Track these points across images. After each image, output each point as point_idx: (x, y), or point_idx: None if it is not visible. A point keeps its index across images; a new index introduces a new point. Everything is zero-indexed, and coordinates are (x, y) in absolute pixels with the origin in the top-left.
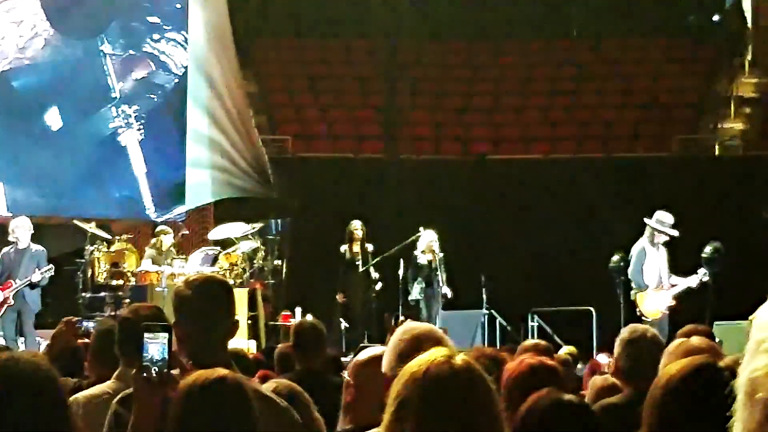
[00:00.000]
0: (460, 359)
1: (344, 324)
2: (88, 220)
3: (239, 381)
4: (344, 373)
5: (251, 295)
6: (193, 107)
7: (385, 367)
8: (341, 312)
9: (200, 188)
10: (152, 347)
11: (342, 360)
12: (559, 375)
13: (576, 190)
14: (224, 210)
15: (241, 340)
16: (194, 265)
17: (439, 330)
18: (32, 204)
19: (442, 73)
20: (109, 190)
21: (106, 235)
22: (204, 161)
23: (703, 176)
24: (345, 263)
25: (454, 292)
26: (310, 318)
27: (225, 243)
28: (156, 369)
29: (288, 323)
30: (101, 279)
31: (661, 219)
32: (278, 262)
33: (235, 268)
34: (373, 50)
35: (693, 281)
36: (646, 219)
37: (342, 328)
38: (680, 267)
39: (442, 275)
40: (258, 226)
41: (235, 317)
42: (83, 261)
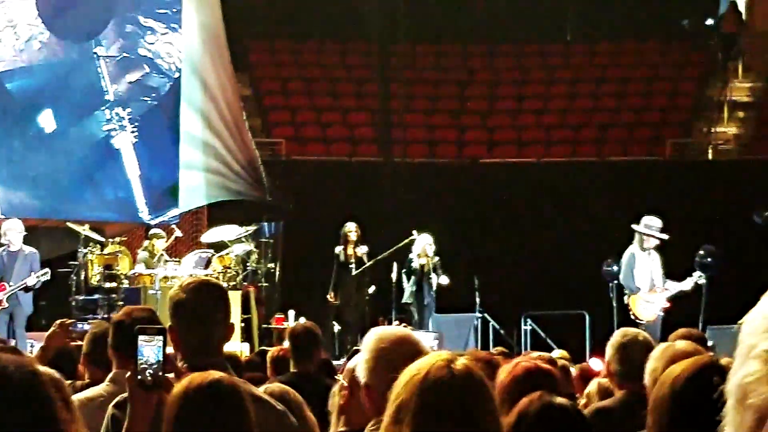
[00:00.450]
0: (461, 363)
1: (337, 327)
2: (82, 223)
3: (234, 383)
4: (339, 376)
5: (244, 298)
6: (187, 110)
7: (366, 377)
8: (334, 315)
9: (194, 191)
10: (147, 350)
11: (335, 363)
12: (555, 378)
13: (570, 194)
14: (218, 213)
15: (235, 343)
16: (187, 268)
17: (413, 333)
18: (26, 206)
19: (437, 77)
20: (103, 193)
21: (100, 238)
22: (198, 164)
23: (697, 180)
24: (339, 265)
25: (447, 296)
26: (306, 321)
27: (218, 246)
28: (151, 372)
29: (281, 326)
30: (94, 281)
31: (649, 223)
32: (272, 265)
33: (229, 271)
34: (368, 53)
35: (688, 284)
36: (634, 225)
37: (335, 331)
38: (674, 271)
39: (437, 278)
40: (251, 229)
41: (230, 320)
42: (77, 264)
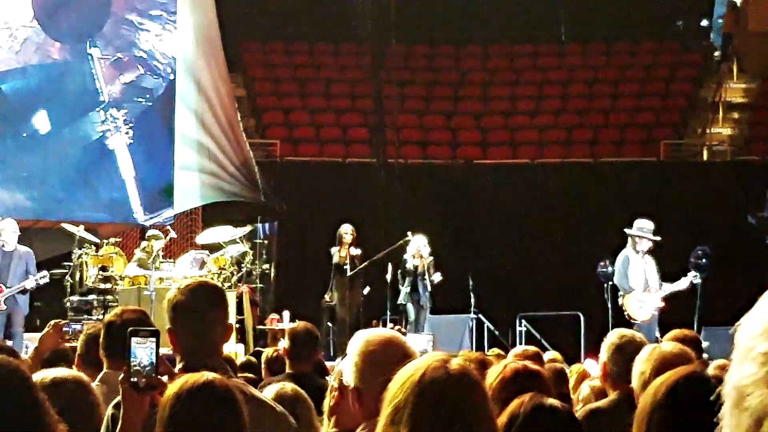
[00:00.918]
0: (456, 364)
1: (331, 327)
2: (77, 224)
3: (227, 384)
4: (329, 378)
5: (239, 299)
6: (182, 111)
7: (354, 380)
8: (329, 316)
9: (188, 192)
10: (140, 352)
11: (329, 364)
12: (544, 379)
13: (564, 195)
14: (212, 214)
15: (230, 344)
16: (182, 269)
17: (401, 335)
18: (20, 207)
19: (430, 78)
20: (97, 194)
21: (94, 239)
22: (192, 165)
23: (691, 181)
24: (334, 266)
25: (442, 297)
26: (305, 323)
27: (213, 247)
28: (143, 374)
29: (276, 327)
30: (89, 282)
31: (641, 226)
32: (266, 266)
33: (223, 272)
34: (361, 54)
35: (683, 284)
36: (627, 229)
37: (330, 332)
38: (668, 271)
39: (430, 279)
40: (246, 230)
41: (229, 321)
42: (71, 265)
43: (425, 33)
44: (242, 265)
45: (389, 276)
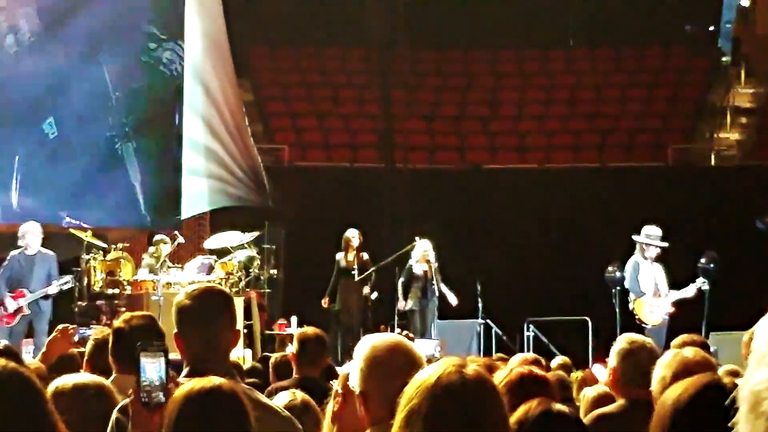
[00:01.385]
0: (472, 369)
1: (339, 333)
2: (84, 229)
3: (235, 390)
4: (333, 383)
5: (247, 304)
6: (190, 116)
7: (360, 385)
8: (336, 321)
9: (196, 197)
10: (150, 369)
11: (337, 369)
12: (549, 384)
13: (571, 200)
14: (220, 219)
15: (237, 350)
16: (190, 274)
17: (407, 340)
18: (27, 212)
19: (438, 82)
20: (106, 199)
21: (102, 244)
22: (200, 170)
23: (700, 186)
24: (340, 271)
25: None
26: (314, 328)
27: (221, 252)
28: (154, 393)
29: (284, 332)
30: (97, 287)
31: (649, 233)
32: (274, 271)
33: (231, 277)
34: (369, 59)
35: (691, 291)
36: (635, 236)
37: (338, 337)
38: (677, 276)
39: (438, 284)
40: (254, 235)
41: (236, 327)
42: (79, 269)
43: (433, 38)
44: (250, 270)
45: (402, 280)
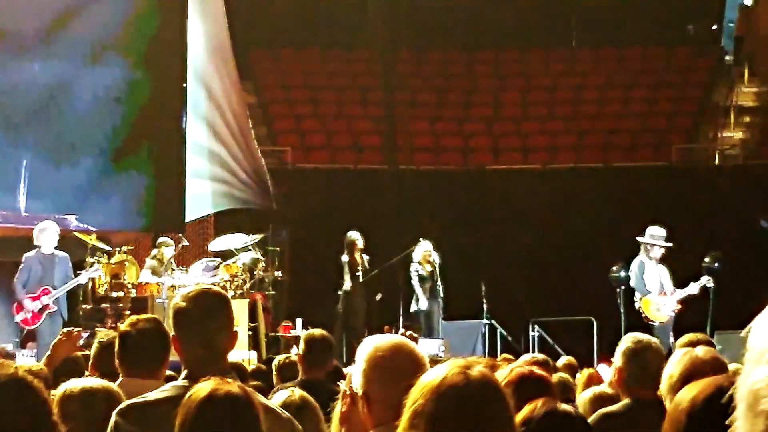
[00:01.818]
0: (477, 371)
1: (344, 334)
2: (89, 232)
3: (247, 393)
4: (341, 383)
5: (252, 306)
6: (193, 119)
7: (363, 386)
8: (341, 322)
9: (200, 200)
10: None
11: (343, 371)
12: (550, 384)
13: (575, 200)
14: (224, 221)
15: (242, 351)
16: (195, 277)
17: (409, 341)
18: (35, 216)
19: (442, 84)
20: (110, 202)
21: (107, 247)
22: (204, 173)
23: (703, 185)
24: (345, 273)
25: (455, 303)
26: (320, 330)
27: (225, 254)
28: None
29: (288, 334)
30: (102, 291)
31: (653, 233)
32: (278, 273)
33: (236, 279)
34: (372, 61)
35: (696, 287)
36: (639, 237)
37: (343, 339)
38: (681, 276)
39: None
40: (258, 237)
41: (234, 328)
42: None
43: (436, 40)
44: (254, 273)
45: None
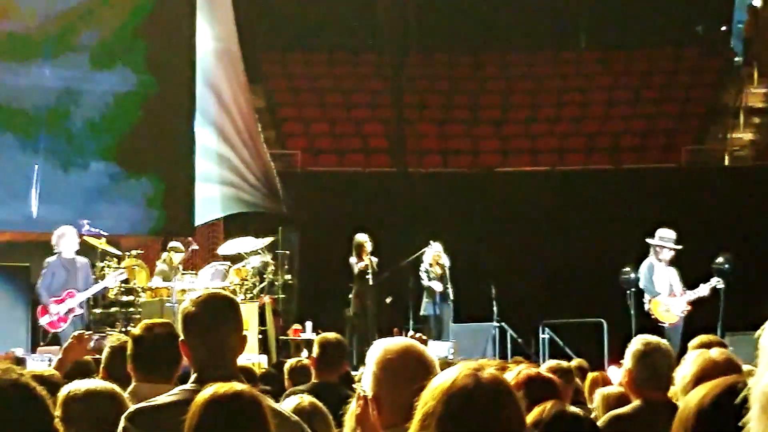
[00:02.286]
0: (488, 373)
1: (355, 337)
2: (99, 237)
3: (256, 396)
4: (356, 386)
5: (261, 310)
6: (202, 123)
7: (372, 388)
8: (352, 325)
9: (209, 203)
10: None
11: (354, 374)
12: (557, 387)
13: (585, 202)
14: (234, 225)
15: (252, 355)
16: (204, 280)
17: (418, 343)
18: (42, 221)
19: (450, 86)
20: (119, 206)
21: (116, 251)
22: (213, 176)
23: (713, 186)
24: (356, 276)
25: (465, 305)
26: (334, 333)
27: (235, 258)
28: None
29: (298, 337)
30: (112, 295)
31: (663, 235)
32: (288, 277)
33: (246, 283)
34: (381, 64)
35: (705, 289)
36: (649, 239)
37: (353, 342)
38: (690, 277)
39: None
40: (268, 241)
41: (243, 332)
42: (94, 277)
43: (445, 42)
44: (264, 276)
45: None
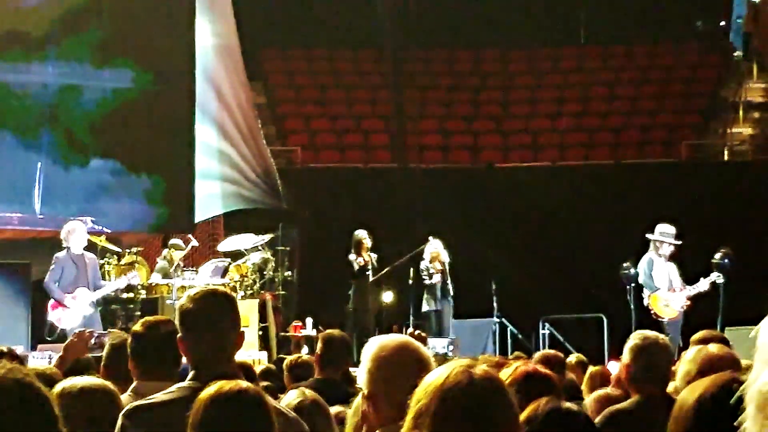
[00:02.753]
0: (481, 369)
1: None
2: (99, 234)
3: (260, 393)
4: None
5: (262, 306)
6: (202, 119)
7: (368, 386)
8: (352, 322)
9: (210, 200)
10: None
11: (353, 370)
12: (554, 382)
13: (585, 197)
14: (234, 221)
15: (253, 351)
16: (204, 277)
17: (415, 341)
18: (50, 218)
19: (450, 82)
20: (119, 203)
21: (117, 248)
22: (214, 173)
23: (713, 181)
24: (355, 272)
25: (465, 301)
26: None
27: (235, 254)
28: None
29: (299, 334)
30: (112, 292)
31: (663, 231)
32: (288, 273)
33: (246, 280)
34: (381, 60)
35: (705, 284)
36: (649, 234)
37: (353, 338)
38: (690, 272)
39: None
40: (268, 237)
41: (240, 329)
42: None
43: (445, 38)
44: (264, 273)
45: (411, 281)
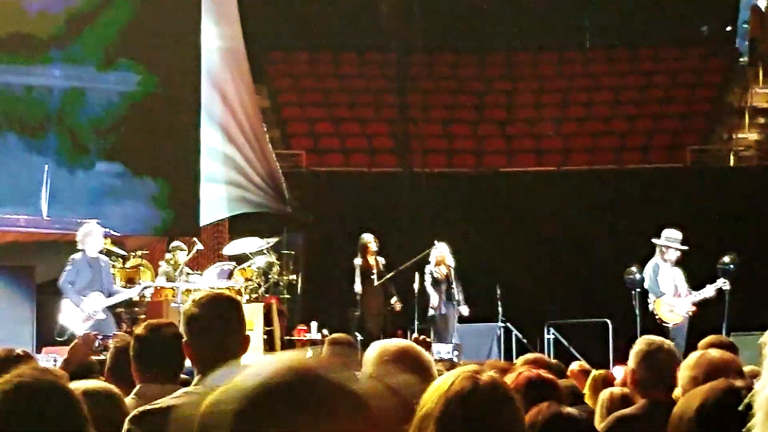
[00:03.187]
0: (487, 375)
1: (360, 337)
2: (107, 237)
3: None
4: None
5: (267, 310)
6: (207, 123)
7: None
8: (357, 326)
9: (215, 204)
10: None
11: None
12: (557, 387)
13: (590, 202)
14: (239, 225)
15: (257, 356)
16: (209, 281)
17: (417, 345)
18: (57, 221)
19: (455, 86)
20: (124, 206)
21: (121, 252)
22: (219, 177)
23: (718, 187)
24: (360, 276)
25: (470, 306)
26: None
27: (240, 258)
28: None
29: (304, 338)
30: None
31: (669, 236)
32: (293, 277)
33: (251, 283)
34: (385, 64)
35: (711, 290)
36: (654, 239)
37: (358, 342)
38: (696, 278)
39: (459, 288)
40: (273, 241)
41: (246, 333)
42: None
43: (449, 41)
44: (269, 276)
45: (417, 285)
